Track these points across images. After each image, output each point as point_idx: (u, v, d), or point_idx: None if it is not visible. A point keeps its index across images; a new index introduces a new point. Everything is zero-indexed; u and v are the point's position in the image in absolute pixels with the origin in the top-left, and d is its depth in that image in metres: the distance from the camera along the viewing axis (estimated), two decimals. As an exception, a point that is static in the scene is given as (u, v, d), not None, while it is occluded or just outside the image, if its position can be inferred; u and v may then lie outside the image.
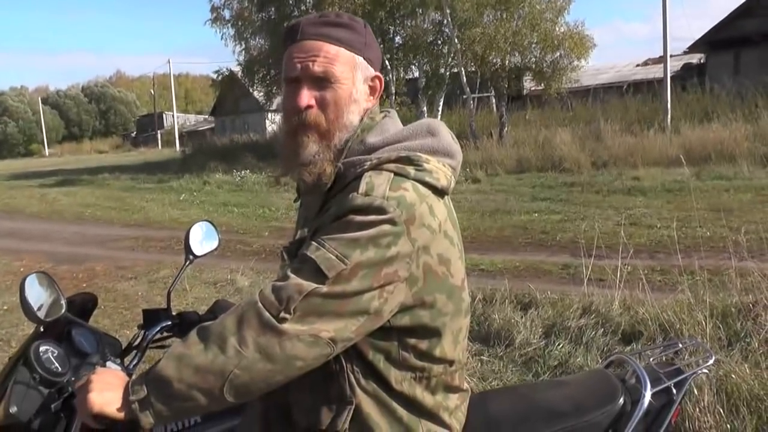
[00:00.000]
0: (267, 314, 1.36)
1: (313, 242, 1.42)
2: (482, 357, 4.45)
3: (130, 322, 5.93)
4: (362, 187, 1.43)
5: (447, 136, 1.59)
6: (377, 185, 1.42)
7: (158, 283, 7.79)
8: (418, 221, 1.42)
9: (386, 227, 1.38)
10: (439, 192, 1.51)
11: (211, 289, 7.08)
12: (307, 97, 1.51)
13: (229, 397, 1.38)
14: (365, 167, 1.48)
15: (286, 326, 1.34)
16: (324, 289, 1.36)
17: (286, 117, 1.56)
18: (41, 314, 1.74)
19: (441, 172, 1.51)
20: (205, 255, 2.29)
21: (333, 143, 1.52)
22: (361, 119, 1.56)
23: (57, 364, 1.74)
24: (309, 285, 1.36)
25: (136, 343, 2.04)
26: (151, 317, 2.12)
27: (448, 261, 1.51)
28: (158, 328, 2.07)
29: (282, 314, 1.35)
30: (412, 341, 1.50)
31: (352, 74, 1.53)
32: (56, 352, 1.78)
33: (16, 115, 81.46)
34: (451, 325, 1.55)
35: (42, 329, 1.87)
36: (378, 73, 1.60)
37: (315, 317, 1.36)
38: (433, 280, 1.48)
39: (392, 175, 1.45)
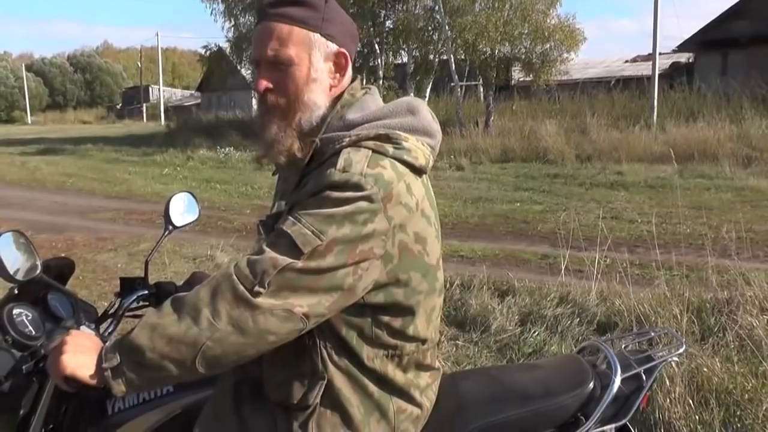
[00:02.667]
0: (241, 287, 1.36)
1: (290, 217, 1.42)
2: (457, 342, 4.47)
3: (108, 294, 5.89)
4: (340, 164, 1.42)
5: (427, 115, 1.59)
6: (355, 162, 1.42)
7: (138, 256, 7.74)
8: (395, 199, 1.42)
9: (363, 204, 1.38)
10: (417, 171, 1.51)
11: (191, 263, 7.06)
12: (264, 80, 1.53)
13: (200, 369, 1.39)
14: (344, 143, 1.47)
15: (259, 300, 1.35)
16: (299, 264, 1.36)
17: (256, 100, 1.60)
18: (15, 274, 1.72)
19: (420, 150, 1.51)
20: (184, 226, 2.28)
21: (294, 122, 1.53)
22: (338, 97, 1.56)
23: (31, 328, 1.74)
24: (284, 260, 1.36)
25: (112, 310, 2.03)
26: (128, 285, 2.11)
27: (424, 240, 1.51)
28: (135, 297, 2.06)
29: (256, 288, 1.35)
30: (386, 319, 1.51)
31: (307, 54, 1.51)
32: (30, 315, 1.77)
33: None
34: (424, 304, 1.55)
35: (16, 291, 1.86)
36: (342, 49, 1.56)
37: (289, 292, 1.36)
38: (409, 258, 1.48)
39: (370, 152, 1.45)
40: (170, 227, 2.23)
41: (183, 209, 2.27)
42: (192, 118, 35.93)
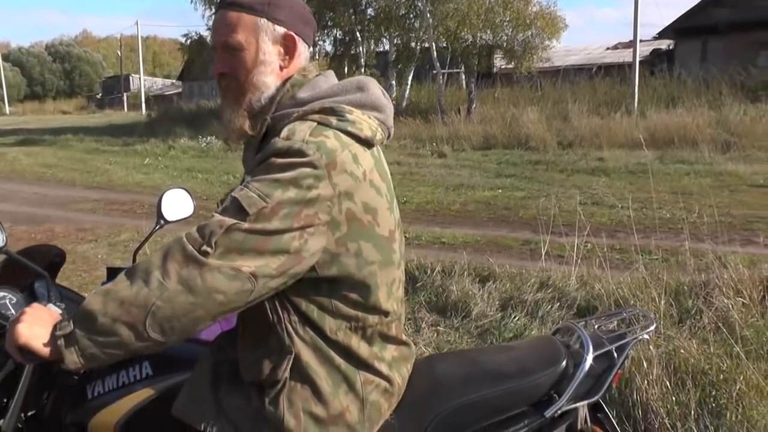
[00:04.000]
0: (190, 247, 1.39)
1: (240, 185, 1.47)
2: (438, 328, 4.50)
3: (88, 285, 5.88)
4: (284, 133, 1.50)
5: (376, 91, 1.64)
6: (298, 131, 1.49)
7: (118, 247, 7.72)
8: (339, 167, 1.46)
9: (306, 170, 1.43)
10: (364, 142, 1.56)
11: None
12: (219, 65, 1.63)
13: (153, 333, 1.39)
14: (291, 119, 1.54)
15: (208, 259, 1.37)
16: (245, 225, 1.39)
17: None
18: None
19: (365, 123, 1.56)
20: (176, 221, 2.32)
21: (245, 102, 1.60)
22: (285, 81, 1.62)
23: (12, 310, 1.76)
24: (230, 220, 1.40)
25: None
26: (114, 275, 2.12)
27: (374, 210, 1.55)
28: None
29: (204, 247, 1.38)
30: (343, 291, 1.55)
31: (255, 38, 1.59)
32: (14, 299, 1.80)
33: (-26, 71, 79.48)
34: (381, 276, 1.59)
35: None
36: (290, 32, 1.63)
37: (236, 254, 1.39)
38: (358, 227, 1.52)
39: (315, 124, 1.52)
40: (162, 221, 2.27)
41: (176, 204, 2.31)
42: (173, 107, 35.72)
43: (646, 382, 3.16)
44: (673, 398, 3.11)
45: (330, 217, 1.46)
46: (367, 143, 1.56)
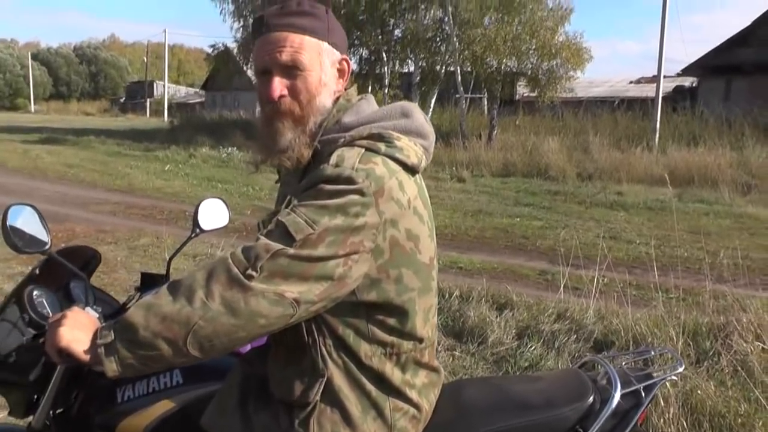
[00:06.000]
0: (235, 270, 1.39)
1: (286, 209, 1.47)
2: (454, 352, 4.51)
3: (107, 287, 5.90)
4: (333, 160, 1.49)
5: (420, 118, 1.65)
6: (347, 158, 1.48)
7: (138, 251, 7.78)
8: (386, 194, 1.47)
9: (355, 197, 1.43)
10: (410, 169, 1.56)
11: (190, 261, 7.07)
12: (279, 87, 1.58)
13: (192, 350, 1.40)
14: (339, 144, 1.54)
15: (252, 283, 1.37)
16: (291, 251, 1.39)
17: (261, 107, 1.64)
18: (23, 246, 1.76)
19: (411, 150, 1.57)
20: (212, 231, 2.32)
21: (308, 127, 1.59)
22: (335, 101, 1.63)
23: (49, 309, 1.79)
24: (276, 245, 1.40)
25: (131, 304, 2.06)
26: (148, 281, 2.15)
27: (416, 237, 1.56)
28: (153, 292, 2.10)
29: (249, 271, 1.38)
30: (380, 317, 1.55)
31: (319, 60, 1.59)
32: (50, 298, 1.82)
33: (3, 68, 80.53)
34: (419, 302, 1.59)
35: (37, 272, 1.90)
36: (344, 56, 1.66)
37: (281, 278, 1.39)
38: (400, 254, 1.53)
39: (363, 150, 1.51)
40: (197, 230, 2.27)
41: (212, 213, 2.30)
42: (196, 115, 36.03)
43: (662, 420, 3.17)
44: (689, 439, 3.10)
45: (374, 244, 1.47)
46: (412, 170, 1.57)
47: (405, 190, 1.52)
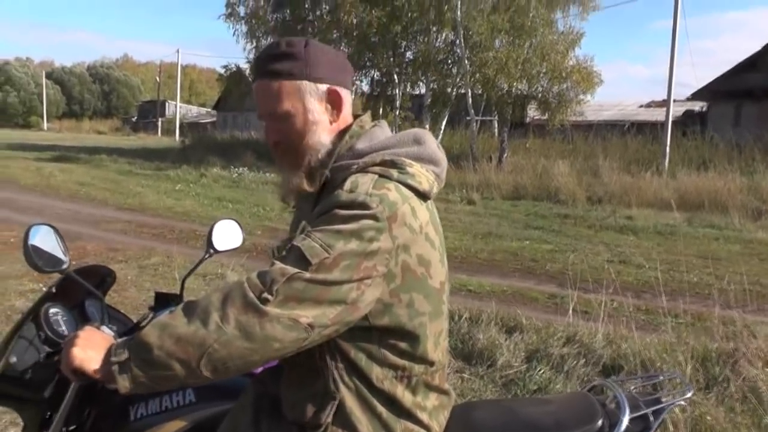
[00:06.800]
0: (251, 294, 1.41)
1: (300, 234, 1.49)
2: (463, 374, 4.51)
3: (118, 305, 5.90)
4: (347, 186, 1.52)
5: (432, 145, 1.68)
6: (361, 183, 1.51)
7: (148, 269, 7.81)
8: (399, 220, 1.49)
9: (369, 222, 1.45)
10: (422, 195, 1.59)
11: (200, 281, 7.10)
12: (272, 134, 1.67)
13: (205, 371, 1.42)
14: (352, 170, 1.57)
15: (267, 308, 1.39)
16: (307, 274, 1.41)
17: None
18: (42, 265, 1.79)
19: (424, 176, 1.60)
20: (225, 251, 2.34)
21: (304, 165, 1.63)
22: (344, 131, 1.65)
23: (64, 327, 1.82)
24: (292, 269, 1.42)
25: (145, 322, 2.09)
26: (162, 300, 2.18)
27: (428, 263, 1.58)
28: (167, 312, 2.13)
29: (264, 295, 1.40)
30: (392, 341, 1.57)
31: (301, 102, 1.62)
32: (66, 316, 1.85)
33: (18, 86, 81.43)
34: (430, 327, 1.61)
35: (54, 290, 1.93)
36: (333, 87, 1.65)
37: (295, 302, 1.41)
38: (412, 279, 1.54)
39: (377, 176, 1.54)
40: (211, 251, 2.29)
41: (226, 234, 2.33)
42: (207, 135, 36.22)
43: (671, 445, 3.16)
44: (698, 465, 3.10)
45: (387, 269, 1.49)
46: (424, 196, 1.60)
47: (417, 215, 1.54)
